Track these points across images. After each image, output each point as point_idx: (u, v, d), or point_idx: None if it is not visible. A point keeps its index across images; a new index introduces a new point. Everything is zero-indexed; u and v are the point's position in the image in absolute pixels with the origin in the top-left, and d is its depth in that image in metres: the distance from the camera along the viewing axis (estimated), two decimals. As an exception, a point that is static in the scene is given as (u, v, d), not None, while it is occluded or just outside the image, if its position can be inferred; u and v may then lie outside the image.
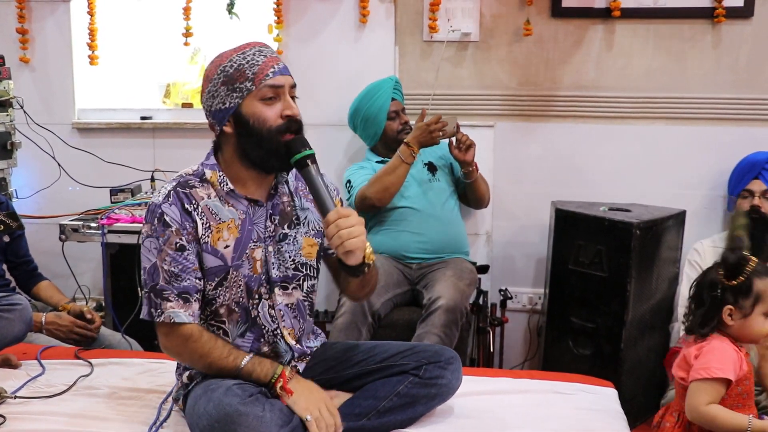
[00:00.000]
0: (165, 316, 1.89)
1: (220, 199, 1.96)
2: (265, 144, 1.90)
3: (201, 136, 3.85)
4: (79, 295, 3.43)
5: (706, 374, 1.97)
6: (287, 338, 2.06)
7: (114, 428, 2.00)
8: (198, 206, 1.93)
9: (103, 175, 3.74)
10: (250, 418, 1.77)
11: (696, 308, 2.10)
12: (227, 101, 1.90)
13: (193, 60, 4.32)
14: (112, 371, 2.41)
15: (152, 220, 1.91)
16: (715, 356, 1.98)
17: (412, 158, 3.12)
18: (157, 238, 1.89)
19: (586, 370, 2.74)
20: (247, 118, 1.89)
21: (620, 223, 2.99)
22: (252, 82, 1.88)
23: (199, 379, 1.99)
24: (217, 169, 1.97)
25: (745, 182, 3.32)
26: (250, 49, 1.93)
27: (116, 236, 3.20)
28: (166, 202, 1.91)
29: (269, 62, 1.91)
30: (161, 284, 1.89)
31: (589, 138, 3.64)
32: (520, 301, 3.77)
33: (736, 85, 3.52)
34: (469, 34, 3.60)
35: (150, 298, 1.91)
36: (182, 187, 1.94)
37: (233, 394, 1.83)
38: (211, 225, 1.94)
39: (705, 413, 1.95)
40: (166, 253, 1.89)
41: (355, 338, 2.94)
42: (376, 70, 3.59)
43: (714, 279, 2.07)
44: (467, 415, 2.12)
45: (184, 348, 1.93)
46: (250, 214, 1.99)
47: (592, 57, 3.58)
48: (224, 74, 1.90)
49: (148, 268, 1.91)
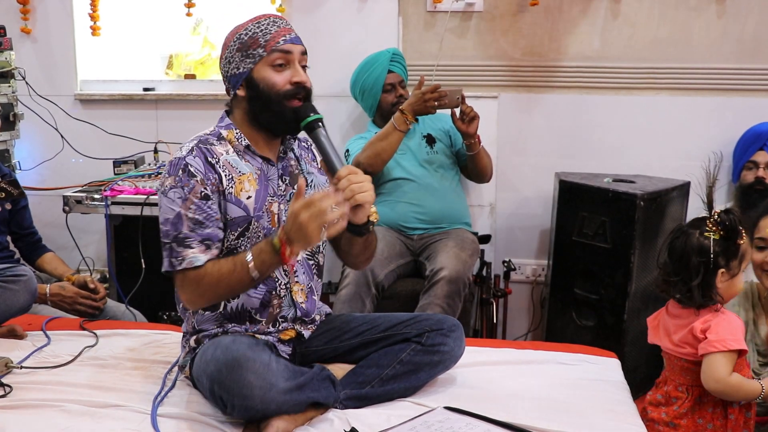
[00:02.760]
0: (186, 262, 1.92)
1: (238, 154, 2.04)
2: (273, 107, 1.99)
3: (204, 108, 3.84)
4: (83, 266, 3.44)
5: (722, 347, 1.94)
6: (296, 294, 2.11)
7: (119, 398, 2.01)
8: (219, 160, 2.00)
9: (106, 146, 3.74)
10: (258, 363, 1.80)
11: (688, 278, 1.99)
12: (241, 66, 2.01)
13: (196, 31, 4.30)
14: (117, 342, 2.43)
15: (176, 172, 1.95)
16: (726, 329, 1.96)
17: (405, 126, 3.09)
18: (182, 188, 1.93)
19: (589, 342, 2.76)
20: (257, 82, 2.00)
21: (624, 195, 2.99)
22: (264, 48, 1.98)
23: (207, 341, 2.02)
24: (233, 127, 2.06)
25: (750, 153, 3.32)
26: (265, 19, 2.03)
27: (120, 208, 3.20)
28: (189, 155, 1.97)
29: (281, 31, 2.01)
30: (185, 232, 1.93)
31: (594, 109, 3.62)
32: (523, 273, 3.78)
33: (741, 56, 3.49)
34: (473, 4, 3.57)
35: (172, 249, 1.93)
36: (203, 144, 2.02)
37: (241, 342, 1.87)
38: (234, 177, 2.01)
39: (731, 383, 1.95)
40: (191, 201, 1.94)
41: (359, 309, 2.95)
42: (379, 40, 3.57)
43: (703, 244, 1.97)
44: (470, 385, 2.13)
45: (201, 287, 1.94)
46: (265, 171, 2.07)
47: (597, 27, 3.55)
48: (240, 41, 2.01)
49: (171, 219, 1.93)
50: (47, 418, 1.90)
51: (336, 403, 1.97)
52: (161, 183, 1.98)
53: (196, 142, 2.01)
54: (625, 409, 2.05)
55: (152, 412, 1.94)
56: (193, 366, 2.02)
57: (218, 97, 3.83)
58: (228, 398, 1.82)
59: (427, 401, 2.03)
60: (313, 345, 2.15)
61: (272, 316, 2.08)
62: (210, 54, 4.35)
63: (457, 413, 1.93)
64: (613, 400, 2.09)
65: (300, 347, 2.13)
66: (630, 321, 3.00)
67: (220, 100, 3.81)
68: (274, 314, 2.09)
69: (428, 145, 3.35)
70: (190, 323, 2.11)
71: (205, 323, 2.08)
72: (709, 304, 1.99)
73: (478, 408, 1.95)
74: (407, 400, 2.04)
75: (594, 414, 1.99)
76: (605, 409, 2.02)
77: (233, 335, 1.98)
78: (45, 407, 1.96)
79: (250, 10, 3.95)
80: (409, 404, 2.02)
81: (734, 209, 2.01)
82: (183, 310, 2.13)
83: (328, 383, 1.97)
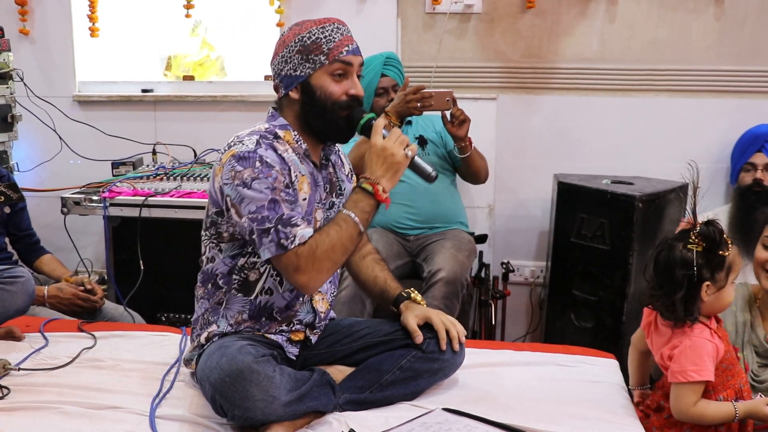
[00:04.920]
0: (299, 238, 1.87)
1: (297, 155, 2.03)
2: (327, 115, 2.00)
3: (202, 109, 3.85)
4: (82, 268, 3.44)
5: (683, 378, 1.91)
6: (316, 303, 2.12)
7: (117, 400, 2.00)
8: (284, 156, 1.98)
9: (105, 148, 3.74)
10: (262, 376, 1.81)
11: (672, 292, 1.94)
12: (299, 69, 1.98)
13: (195, 32, 4.30)
14: (115, 344, 2.42)
15: (252, 164, 1.90)
16: (689, 357, 1.92)
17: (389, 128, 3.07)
18: (266, 178, 1.89)
19: (588, 343, 2.76)
20: (314, 89, 1.98)
21: (623, 196, 2.99)
22: (327, 56, 1.97)
23: (216, 339, 2.02)
24: (289, 128, 2.04)
25: (748, 155, 3.32)
26: (329, 24, 2.00)
27: (118, 209, 3.20)
28: (259, 148, 1.93)
29: (345, 41, 2.00)
30: (287, 213, 1.89)
31: (592, 110, 3.63)
32: (522, 274, 3.78)
33: (739, 57, 3.49)
34: (471, 6, 3.57)
35: (278, 231, 1.87)
36: (265, 138, 1.98)
37: (247, 352, 1.86)
38: (297, 175, 2.00)
39: (694, 414, 1.92)
40: (279, 189, 1.91)
41: (359, 310, 2.95)
42: (378, 42, 3.57)
43: (686, 257, 1.92)
44: (469, 386, 2.13)
45: (317, 260, 1.89)
46: (315, 176, 2.07)
47: (595, 29, 3.56)
48: (301, 43, 1.97)
49: (267, 205, 1.88)
50: (45, 420, 1.90)
51: (335, 408, 1.97)
52: (232, 177, 1.90)
53: (259, 136, 1.97)
54: (624, 411, 2.04)
55: (150, 414, 1.93)
56: (198, 367, 2.01)
57: (216, 99, 3.84)
58: (229, 408, 1.83)
59: (425, 403, 2.02)
60: (316, 348, 2.15)
61: (289, 318, 2.09)
62: (209, 55, 4.35)
63: (456, 415, 1.93)
64: (612, 401, 2.09)
65: (305, 351, 2.13)
66: (628, 322, 3.00)
67: (219, 101, 3.83)
68: (292, 316, 2.09)
69: (420, 146, 3.34)
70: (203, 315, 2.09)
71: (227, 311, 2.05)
72: (689, 319, 1.94)
73: (477, 409, 1.95)
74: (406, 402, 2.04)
75: (593, 415, 1.98)
76: (604, 410, 2.02)
77: (242, 340, 1.94)
78: (43, 409, 1.95)
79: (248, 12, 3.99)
80: (408, 406, 2.01)
81: (715, 220, 1.98)
82: (202, 297, 2.10)
83: (327, 389, 1.96)
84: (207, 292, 2.09)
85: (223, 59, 4.30)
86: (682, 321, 1.95)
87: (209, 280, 2.07)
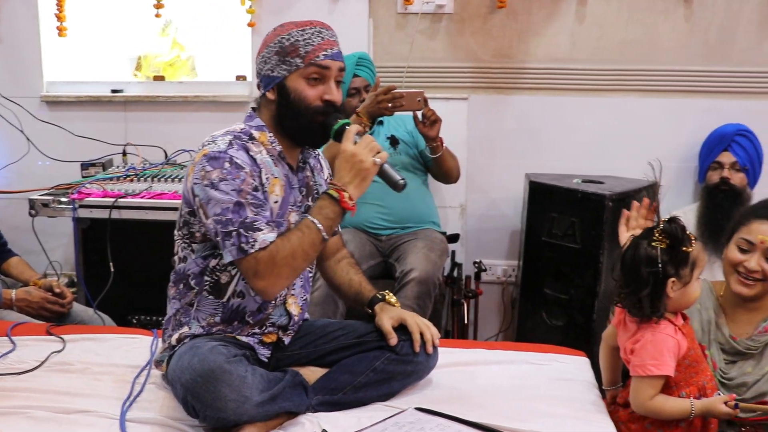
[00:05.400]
0: (260, 243, 1.86)
1: (271, 157, 2.01)
2: (300, 119, 1.99)
3: (173, 110, 3.82)
4: (51, 270, 3.40)
5: (642, 372, 1.94)
6: (290, 306, 2.11)
7: (87, 403, 1.98)
8: (256, 158, 1.97)
9: (74, 149, 3.69)
10: (234, 376, 1.80)
11: (638, 290, 1.95)
12: (276, 70, 1.98)
13: (165, 32, 4.26)
14: (85, 347, 2.40)
15: (221, 165, 1.89)
16: (649, 351, 1.94)
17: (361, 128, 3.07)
18: (233, 179, 1.88)
19: (559, 341, 2.77)
20: (289, 91, 1.98)
21: (593, 195, 3.01)
22: (303, 59, 1.96)
23: (187, 340, 2.00)
24: (265, 130, 2.03)
25: (715, 154, 3.36)
26: (311, 28, 2.00)
27: (88, 211, 3.16)
28: (231, 148, 1.92)
29: (324, 45, 1.98)
30: (251, 216, 1.88)
31: (563, 110, 3.65)
32: (494, 273, 3.80)
33: (707, 58, 3.54)
34: (443, 6, 3.58)
35: (240, 235, 1.86)
36: (239, 139, 1.97)
37: (219, 352, 1.86)
38: (269, 177, 1.98)
39: (651, 408, 1.95)
40: (246, 191, 1.89)
41: (332, 311, 2.94)
42: (350, 42, 3.53)
43: (650, 254, 1.93)
44: (442, 386, 2.14)
45: (277, 265, 1.87)
46: (289, 179, 2.06)
47: (565, 29, 3.58)
48: (280, 45, 1.97)
49: (232, 207, 1.87)
50: (13, 426, 1.87)
51: (308, 409, 1.97)
52: (201, 177, 1.89)
53: (232, 137, 1.96)
54: (595, 408, 2.07)
55: (121, 417, 1.92)
56: (169, 368, 2.00)
57: (187, 99, 3.81)
58: (201, 409, 1.82)
59: (398, 402, 2.03)
60: (289, 349, 2.15)
61: (262, 321, 2.08)
62: (179, 55, 4.32)
63: (429, 414, 1.93)
64: (583, 399, 2.11)
65: (278, 352, 2.13)
66: (599, 320, 3.02)
67: (190, 102, 3.81)
68: (265, 319, 2.08)
69: (391, 146, 3.35)
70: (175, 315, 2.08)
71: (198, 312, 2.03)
72: (655, 315, 1.96)
73: (450, 409, 1.95)
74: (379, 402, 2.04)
75: (564, 413, 2.00)
76: (575, 408, 2.04)
77: (213, 342, 1.93)
78: (10, 414, 1.92)
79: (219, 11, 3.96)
80: (380, 406, 2.02)
81: (678, 217, 2.01)
82: (174, 297, 2.08)
83: (300, 390, 1.96)
84: (179, 292, 2.07)
85: (193, 59, 4.28)
86: (648, 317, 1.97)
87: (181, 280, 2.06)
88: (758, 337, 2.25)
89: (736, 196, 3.25)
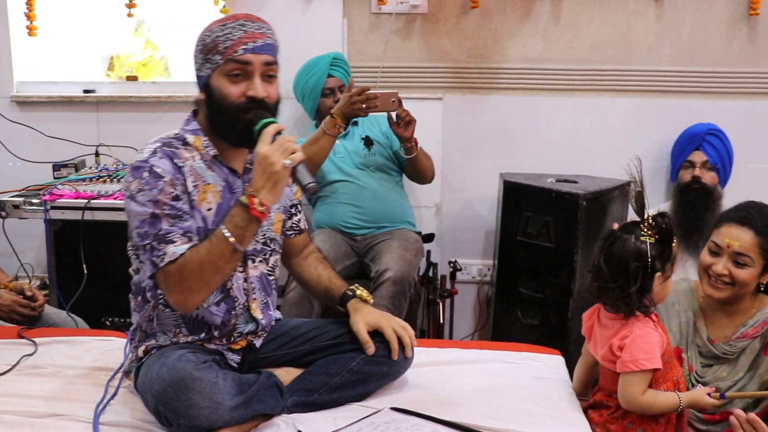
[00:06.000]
0: (168, 257, 1.82)
1: (205, 162, 1.96)
2: (224, 118, 1.92)
3: (147, 110, 3.79)
4: (22, 273, 3.35)
5: (635, 367, 1.93)
6: (255, 312, 2.08)
7: (59, 407, 1.97)
8: (185, 165, 1.93)
9: (45, 149, 3.65)
10: (204, 383, 1.79)
11: (626, 284, 1.94)
12: (202, 70, 1.94)
13: (138, 32, 4.22)
14: (57, 350, 2.37)
15: (140, 175, 1.86)
16: (639, 346, 1.94)
17: (335, 130, 3.05)
18: (151, 190, 1.85)
19: (534, 340, 2.79)
20: (213, 90, 1.92)
21: (567, 195, 3.03)
22: (222, 56, 1.90)
23: (155, 351, 1.98)
24: (200, 134, 1.98)
25: (687, 153, 3.40)
26: (232, 22, 1.93)
27: (60, 212, 3.13)
28: (153, 157, 1.89)
29: (245, 38, 1.90)
30: (165, 228, 1.84)
31: (538, 110, 3.67)
32: (469, 273, 3.81)
33: (678, 58, 3.57)
34: (417, 6, 3.58)
35: (153, 249, 1.84)
36: (167, 146, 1.93)
37: (187, 360, 1.84)
38: (198, 185, 1.93)
39: (643, 403, 1.95)
40: (163, 202, 1.85)
41: (307, 312, 2.94)
42: (324, 42, 3.56)
43: (641, 249, 1.93)
44: (417, 386, 2.14)
45: (185, 279, 1.84)
46: (230, 183, 2.00)
47: (539, 30, 3.60)
48: (203, 43, 1.93)
49: (147, 219, 1.84)
50: (-16, 430, 1.85)
51: (283, 411, 1.96)
52: (125, 188, 1.89)
53: (160, 144, 1.93)
54: (569, 406, 2.08)
55: (94, 421, 1.90)
56: (138, 379, 1.98)
57: (161, 100, 3.78)
58: (174, 418, 1.81)
59: (373, 402, 2.03)
60: (262, 351, 2.13)
61: (229, 333, 2.06)
62: (152, 55, 4.28)
63: (404, 414, 1.94)
64: (558, 397, 2.13)
65: (250, 355, 2.11)
66: (574, 319, 3.04)
67: (163, 102, 3.78)
68: (231, 331, 2.06)
69: (366, 147, 3.35)
70: (140, 327, 2.06)
71: (161, 325, 2.01)
72: (642, 309, 1.97)
73: (425, 408, 1.96)
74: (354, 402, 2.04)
75: (538, 411, 2.01)
76: (549, 406, 2.05)
77: (181, 350, 1.91)
78: (-19, 419, 1.90)
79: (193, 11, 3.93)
80: (356, 406, 2.02)
81: (666, 212, 2.00)
82: (134, 310, 2.07)
83: (275, 391, 1.95)
84: (138, 305, 2.06)
85: (167, 59, 4.24)
86: (633, 313, 1.97)
87: (139, 292, 2.04)
88: (735, 343, 2.25)
89: (707, 195, 3.30)
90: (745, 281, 2.19)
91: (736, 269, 2.18)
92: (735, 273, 2.19)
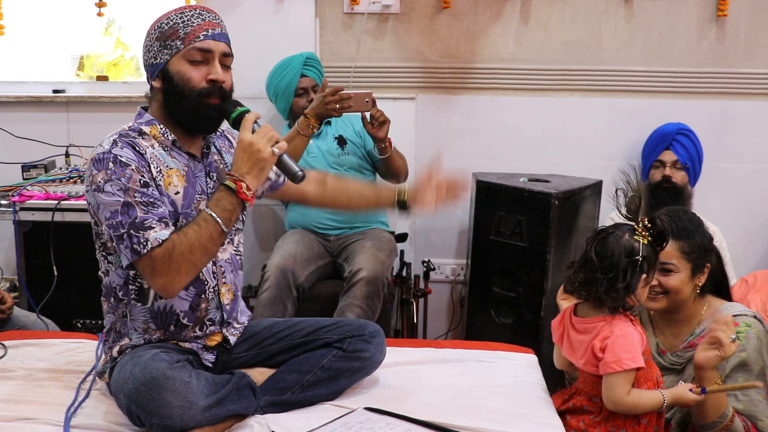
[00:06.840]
0: (152, 242, 1.81)
1: (164, 149, 1.97)
2: (186, 103, 1.94)
3: (118, 110, 3.75)
4: (-9, 275, 3.32)
5: (618, 367, 1.93)
6: (223, 296, 2.07)
7: (30, 411, 1.94)
8: (146, 152, 1.92)
9: (14, 150, 3.60)
10: (177, 382, 1.78)
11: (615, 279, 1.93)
12: (158, 57, 1.94)
13: (108, 31, 4.19)
14: (28, 353, 2.34)
15: (105, 166, 1.85)
16: (621, 346, 1.94)
17: (308, 130, 3.02)
18: (119, 179, 1.84)
19: (507, 339, 2.81)
20: (172, 75, 1.94)
21: (539, 194, 3.05)
22: (183, 41, 1.92)
23: (129, 351, 1.97)
24: (155, 123, 1.98)
25: (657, 153, 3.44)
26: (190, 10, 1.97)
27: (29, 213, 3.09)
28: (115, 147, 1.88)
29: (204, 26, 1.94)
30: (140, 216, 1.83)
31: (509, 110, 3.69)
32: (443, 272, 3.82)
33: (648, 59, 3.61)
34: (389, 6, 3.59)
35: (131, 237, 1.82)
36: (125, 137, 1.93)
37: (160, 359, 1.83)
38: (162, 170, 1.94)
39: (629, 403, 1.95)
40: (134, 189, 1.85)
41: (281, 312, 2.93)
42: (296, 42, 3.55)
43: (634, 246, 1.94)
44: (391, 385, 2.15)
45: (174, 262, 1.83)
46: (192, 168, 2.01)
47: (510, 30, 3.62)
48: (160, 30, 1.94)
49: (120, 209, 1.83)
50: (-48, 435, 1.83)
51: (257, 411, 1.95)
52: (90, 182, 1.87)
53: (118, 136, 1.92)
54: (543, 404, 2.10)
55: (65, 424, 1.89)
56: (112, 379, 1.96)
57: (132, 100, 3.74)
58: (146, 418, 1.80)
59: (347, 402, 2.03)
60: (235, 352, 2.13)
61: (199, 320, 2.04)
62: (123, 55, 4.25)
63: (378, 413, 1.94)
64: (531, 395, 2.14)
65: (224, 355, 2.10)
66: (547, 318, 3.06)
67: (135, 102, 3.74)
68: (202, 317, 2.04)
69: (339, 146, 3.35)
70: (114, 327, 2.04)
71: (133, 322, 2.00)
72: (626, 307, 1.97)
73: (399, 408, 1.96)
74: (327, 402, 2.04)
75: (512, 410, 2.03)
76: (523, 404, 2.07)
77: (154, 350, 1.91)
78: (-51, 423, 1.88)
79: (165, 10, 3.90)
80: (330, 406, 2.02)
81: (663, 216, 2.00)
82: (108, 311, 2.05)
83: (248, 392, 1.95)
84: (110, 306, 2.04)
85: (138, 59, 4.21)
86: (617, 310, 1.98)
87: (110, 293, 2.03)
88: (683, 353, 2.22)
89: (677, 194, 3.34)
90: (676, 288, 2.17)
91: (664, 278, 2.16)
92: (664, 282, 2.17)
